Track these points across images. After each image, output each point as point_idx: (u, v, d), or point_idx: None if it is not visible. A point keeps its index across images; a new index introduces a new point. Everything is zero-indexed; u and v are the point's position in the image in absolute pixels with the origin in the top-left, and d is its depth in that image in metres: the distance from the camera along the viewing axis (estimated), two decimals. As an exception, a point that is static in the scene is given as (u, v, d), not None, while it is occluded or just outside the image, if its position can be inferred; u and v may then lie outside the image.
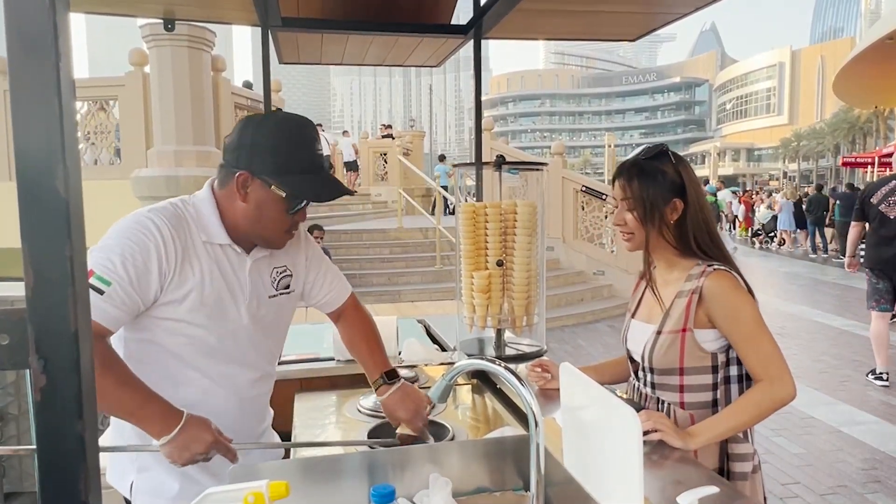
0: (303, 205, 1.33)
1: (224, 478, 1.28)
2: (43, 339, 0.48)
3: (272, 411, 1.64)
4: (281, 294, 1.48)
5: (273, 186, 1.27)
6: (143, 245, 1.22)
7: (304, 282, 1.56)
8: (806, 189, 20.41)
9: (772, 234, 17.27)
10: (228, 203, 1.32)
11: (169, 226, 1.26)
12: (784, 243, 16.46)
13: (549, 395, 1.73)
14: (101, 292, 1.17)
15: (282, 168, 1.27)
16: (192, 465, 1.26)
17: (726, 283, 1.44)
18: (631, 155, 1.59)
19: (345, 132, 17.83)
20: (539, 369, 1.82)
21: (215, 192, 1.35)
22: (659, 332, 1.50)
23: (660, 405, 1.53)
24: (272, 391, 1.58)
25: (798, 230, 15.84)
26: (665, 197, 1.48)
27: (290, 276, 1.50)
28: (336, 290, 1.63)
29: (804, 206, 15.01)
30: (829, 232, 14.58)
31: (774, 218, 17.02)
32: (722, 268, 1.46)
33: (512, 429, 1.53)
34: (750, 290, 1.47)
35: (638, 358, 1.57)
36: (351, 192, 1.45)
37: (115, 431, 1.45)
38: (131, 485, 1.40)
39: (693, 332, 1.46)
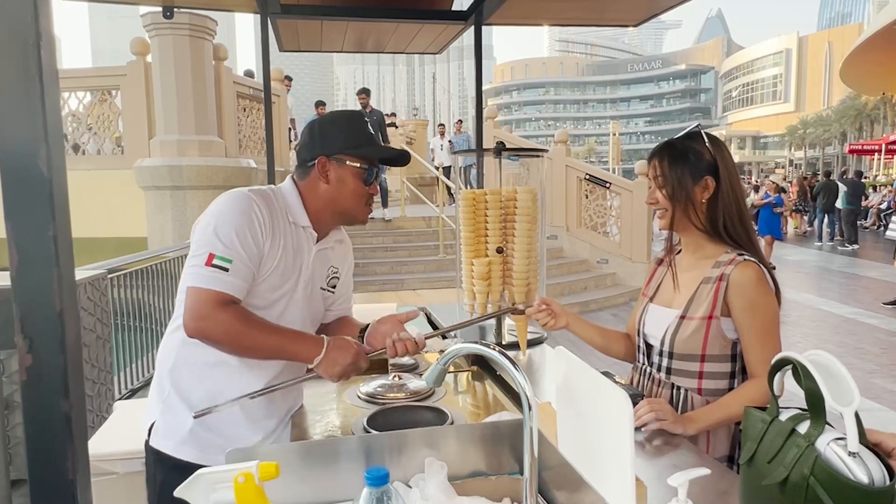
0: (375, 175, 1.51)
1: (226, 428, 1.47)
2: (28, 319, 0.48)
3: (302, 399, 1.73)
4: (328, 291, 1.62)
5: (348, 161, 1.47)
6: (249, 221, 1.38)
7: (340, 289, 1.69)
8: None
9: None
10: (311, 191, 1.50)
11: (265, 205, 1.42)
12: None
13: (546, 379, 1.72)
14: (226, 270, 1.33)
15: (348, 143, 1.47)
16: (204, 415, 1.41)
17: (753, 274, 1.44)
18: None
19: None
20: (543, 307, 1.70)
21: (297, 184, 1.52)
22: (682, 317, 1.50)
23: (674, 390, 1.53)
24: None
25: None
26: (695, 175, 1.49)
27: (338, 279, 1.65)
28: (345, 305, 1.76)
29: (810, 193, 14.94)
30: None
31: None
32: (752, 259, 1.47)
33: (510, 414, 1.54)
34: (776, 286, 1.48)
35: (655, 342, 1.56)
36: (407, 158, 1.60)
37: (156, 376, 1.54)
38: (152, 426, 1.50)
39: (719, 319, 1.47)
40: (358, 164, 1.47)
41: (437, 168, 10.52)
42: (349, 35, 2.92)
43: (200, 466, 1.45)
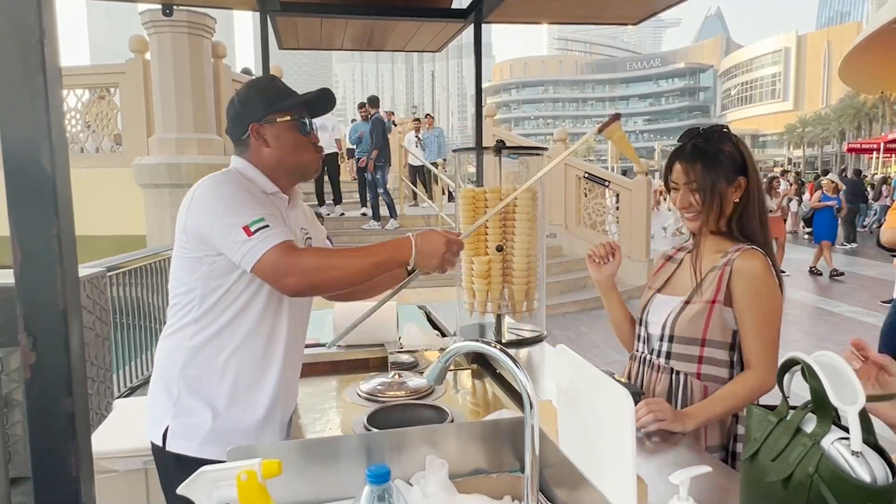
0: (309, 124, 1.55)
1: (245, 422, 1.47)
2: (31, 317, 0.48)
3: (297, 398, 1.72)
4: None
5: (277, 118, 1.50)
6: (242, 189, 1.42)
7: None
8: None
9: None
10: (258, 159, 1.52)
11: (241, 180, 1.46)
12: None
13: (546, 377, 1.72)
14: (267, 226, 1.33)
15: (271, 102, 1.51)
16: (222, 407, 1.45)
17: (758, 263, 1.45)
18: (684, 137, 1.58)
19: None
20: (603, 249, 1.77)
21: (245, 159, 1.54)
22: (687, 302, 1.51)
23: (673, 375, 1.54)
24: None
25: None
26: (729, 177, 1.50)
27: (311, 239, 1.68)
28: None
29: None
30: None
31: None
32: (759, 250, 1.48)
33: (510, 412, 1.54)
34: (779, 280, 1.48)
35: (656, 329, 1.57)
36: (332, 98, 1.63)
37: (160, 380, 1.51)
38: (166, 430, 1.46)
39: (722, 305, 1.48)
40: (288, 118, 1.51)
41: (434, 165, 10.46)
42: (349, 33, 2.91)
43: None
